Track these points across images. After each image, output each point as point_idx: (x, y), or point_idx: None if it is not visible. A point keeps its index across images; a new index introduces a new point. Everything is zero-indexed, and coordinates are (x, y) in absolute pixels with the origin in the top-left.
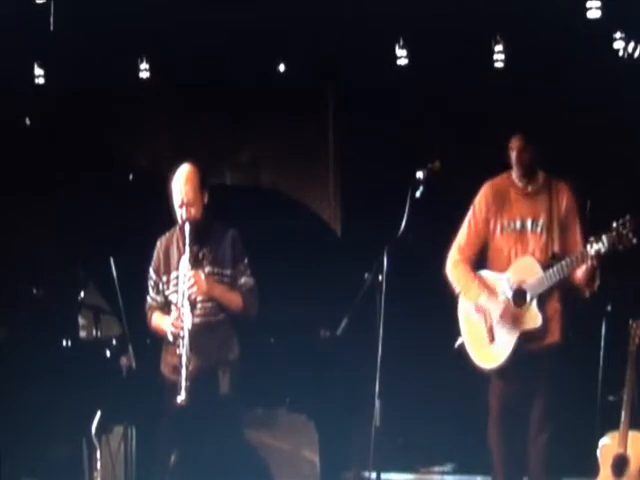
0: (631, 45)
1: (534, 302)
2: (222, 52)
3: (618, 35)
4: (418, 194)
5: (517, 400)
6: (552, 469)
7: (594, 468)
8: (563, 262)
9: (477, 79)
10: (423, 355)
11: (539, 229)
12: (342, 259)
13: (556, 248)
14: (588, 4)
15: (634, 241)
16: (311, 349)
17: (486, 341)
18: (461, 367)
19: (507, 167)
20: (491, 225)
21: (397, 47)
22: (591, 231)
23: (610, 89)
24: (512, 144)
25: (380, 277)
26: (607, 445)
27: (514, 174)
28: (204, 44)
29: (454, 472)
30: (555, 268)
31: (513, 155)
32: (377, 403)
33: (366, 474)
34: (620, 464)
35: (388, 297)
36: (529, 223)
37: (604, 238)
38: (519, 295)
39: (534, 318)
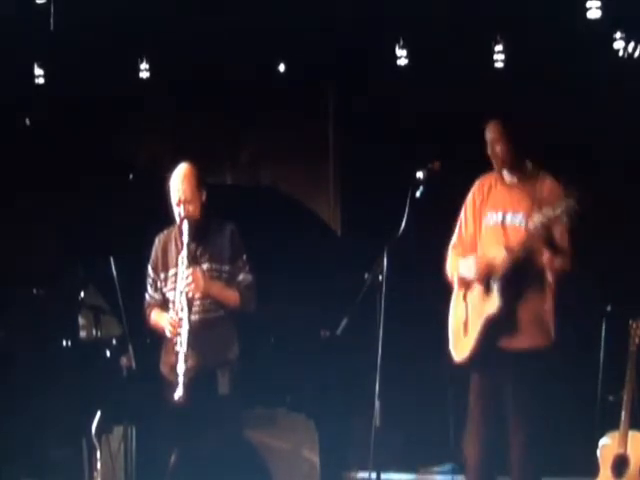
0: (631, 45)
1: (495, 286)
2: (222, 52)
3: (618, 35)
4: (418, 194)
5: (489, 396)
6: (551, 469)
7: (594, 468)
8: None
9: (477, 79)
10: (423, 355)
11: (518, 222)
12: (342, 259)
13: None
14: (588, 4)
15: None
16: (311, 349)
17: (461, 334)
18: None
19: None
20: (479, 221)
21: (397, 47)
22: None
23: (610, 89)
24: (487, 136)
25: (380, 277)
26: (607, 445)
27: (500, 167)
28: (204, 44)
29: (454, 472)
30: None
31: (489, 148)
32: (377, 403)
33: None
34: (620, 464)
35: (388, 297)
36: (509, 216)
37: (544, 210)
38: (487, 283)
39: (493, 302)
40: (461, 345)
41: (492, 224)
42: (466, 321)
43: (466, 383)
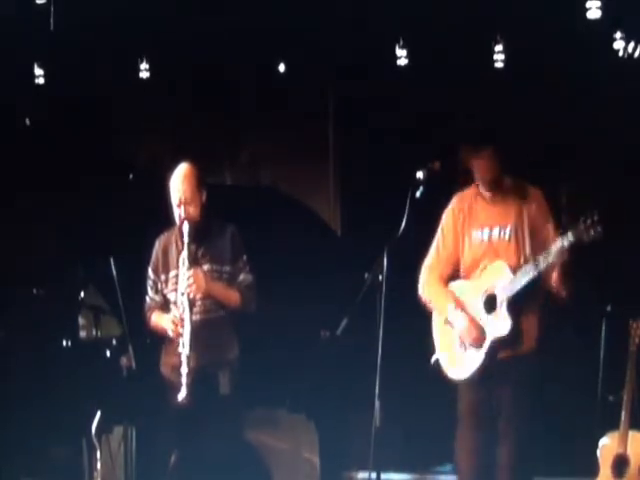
0: (631, 45)
1: (503, 307)
2: (222, 52)
3: (618, 35)
4: (418, 194)
5: (488, 411)
6: (551, 469)
7: (594, 468)
8: (530, 262)
9: (477, 79)
10: (423, 355)
11: (507, 236)
12: (342, 259)
13: (527, 253)
14: (588, 4)
15: (599, 229)
16: (311, 349)
17: (459, 352)
18: None
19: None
20: (460, 239)
21: (397, 47)
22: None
23: (610, 89)
24: (474, 158)
25: (380, 277)
26: (607, 445)
27: (480, 183)
28: (204, 44)
29: (454, 472)
30: (523, 269)
31: (475, 168)
32: (377, 403)
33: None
34: (620, 464)
35: (388, 297)
36: (496, 231)
37: (569, 232)
38: (490, 301)
39: (503, 324)
40: (460, 366)
41: (477, 242)
42: (460, 342)
43: None
